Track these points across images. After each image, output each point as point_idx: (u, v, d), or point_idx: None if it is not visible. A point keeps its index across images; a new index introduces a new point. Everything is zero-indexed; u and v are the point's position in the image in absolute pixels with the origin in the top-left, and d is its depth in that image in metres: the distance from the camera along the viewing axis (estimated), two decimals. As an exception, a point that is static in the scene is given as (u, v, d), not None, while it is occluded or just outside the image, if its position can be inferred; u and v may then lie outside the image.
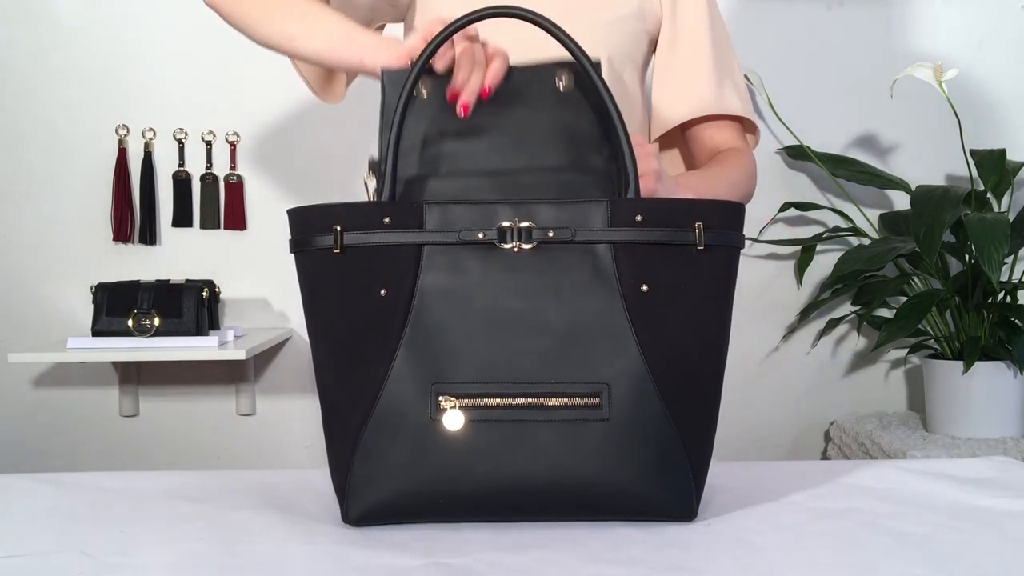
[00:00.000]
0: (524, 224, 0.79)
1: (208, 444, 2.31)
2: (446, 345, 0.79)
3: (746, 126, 1.29)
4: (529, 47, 0.94)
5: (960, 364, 1.94)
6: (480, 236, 0.79)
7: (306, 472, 0.98)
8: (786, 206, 2.25)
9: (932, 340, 2.09)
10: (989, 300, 2.00)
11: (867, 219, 2.23)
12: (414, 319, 0.79)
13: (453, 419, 0.78)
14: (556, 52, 0.90)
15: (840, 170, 2.19)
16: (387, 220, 0.80)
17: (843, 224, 2.21)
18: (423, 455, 0.78)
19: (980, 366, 1.94)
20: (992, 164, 2.02)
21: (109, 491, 0.93)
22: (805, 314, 2.25)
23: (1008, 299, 2.03)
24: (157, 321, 1.98)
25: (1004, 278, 2.03)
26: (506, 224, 0.79)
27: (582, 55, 0.86)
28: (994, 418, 1.96)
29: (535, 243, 0.79)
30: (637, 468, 0.78)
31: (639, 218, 0.80)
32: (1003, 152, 2.04)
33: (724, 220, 0.81)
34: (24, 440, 2.29)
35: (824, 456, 2.32)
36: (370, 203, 0.81)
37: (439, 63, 0.92)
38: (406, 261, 0.80)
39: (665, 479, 0.79)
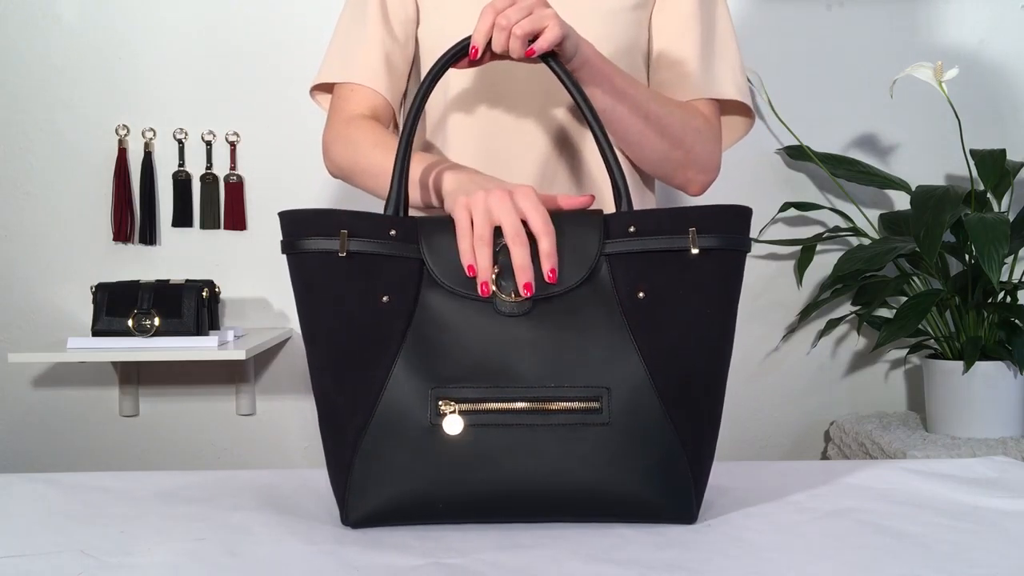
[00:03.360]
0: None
1: (208, 444, 2.31)
2: (447, 350, 0.79)
3: (742, 111, 1.26)
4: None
5: (960, 364, 1.94)
6: None
7: (306, 472, 0.98)
8: (786, 206, 2.25)
9: (932, 340, 2.09)
10: (989, 300, 2.00)
11: (867, 219, 2.23)
12: (415, 325, 0.80)
13: (453, 423, 0.78)
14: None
15: (840, 170, 2.19)
16: (393, 233, 0.81)
17: (843, 224, 2.21)
18: (423, 459, 0.78)
19: (980, 366, 1.94)
20: (992, 164, 2.02)
21: (109, 491, 0.93)
22: (805, 314, 2.26)
23: (1008, 299, 2.03)
24: (157, 321, 1.98)
25: (1004, 278, 2.03)
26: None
27: (567, 78, 0.89)
28: (994, 418, 1.96)
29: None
30: (637, 472, 0.78)
31: (632, 229, 0.80)
32: (1003, 152, 2.04)
33: (723, 224, 0.81)
34: (24, 440, 2.30)
35: (824, 456, 2.32)
36: (376, 214, 0.82)
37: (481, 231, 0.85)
38: (409, 273, 0.80)
39: (665, 483, 0.79)
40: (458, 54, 0.93)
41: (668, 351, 0.80)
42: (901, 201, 2.27)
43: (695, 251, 0.80)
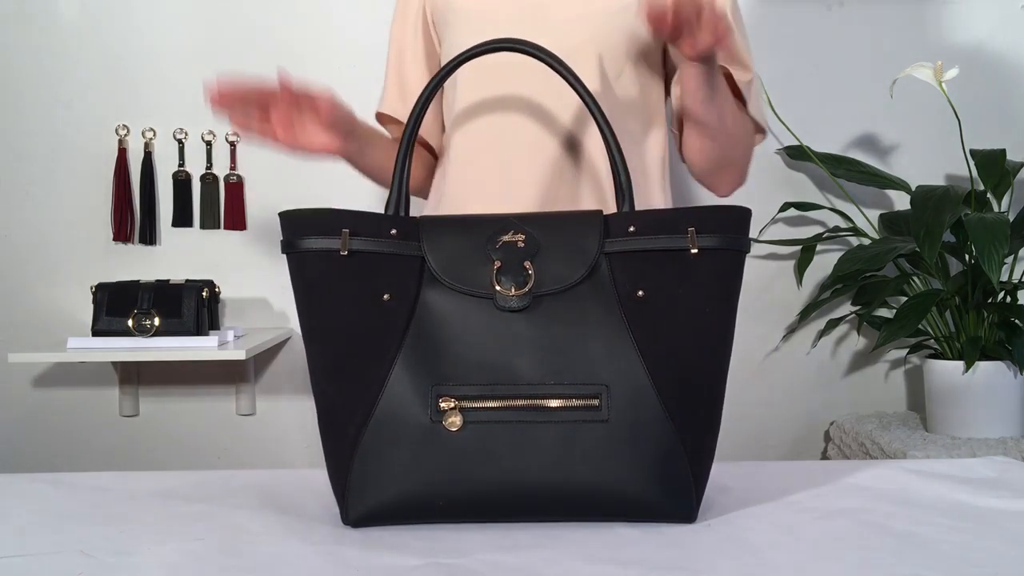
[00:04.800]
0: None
1: (208, 444, 2.31)
2: (447, 348, 0.79)
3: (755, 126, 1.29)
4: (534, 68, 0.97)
5: (960, 364, 1.94)
6: None
7: (306, 472, 0.98)
8: (786, 206, 2.25)
9: (932, 340, 2.09)
10: (989, 300, 2.00)
11: (867, 219, 2.23)
12: (416, 323, 0.80)
13: (453, 421, 0.78)
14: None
15: (840, 170, 2.19)
16: (393, 232, 0.81)
17: (843, 224, 2.21)
18: (423, 457, 0.78)
19: (980, 366, 1.94)
20: (992, 164, 2.02)
21: (109, 491, 0.93)
22: (805, 314, 2.25)
23: (1008, 299, 2.03)
24: (157, 321, 1.98)
25: (1004, 278, 2.03)
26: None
27: (575, 81, 0.88)
28: (994, 418, 1.96)
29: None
30: (636, 470, 0.78)
31: (632, 229, 0.81)
32: (1003, 152, 2.04)
33: (722, 225, 0.81)
34: (24, 440, 2.30)
35: (824, 456, 2.32)
36: (377, 214, 0.83)
37: None
38: (410, 271, 0.80)
39: (665, 481, 0.79)
40: (463, 62, 0.92)
41: (667, 350, 0.80)
42: (901, 201, 2.27)
43: (694, 251, 0.80)
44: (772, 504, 0.87)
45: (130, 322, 1.98)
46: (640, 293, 0.80)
